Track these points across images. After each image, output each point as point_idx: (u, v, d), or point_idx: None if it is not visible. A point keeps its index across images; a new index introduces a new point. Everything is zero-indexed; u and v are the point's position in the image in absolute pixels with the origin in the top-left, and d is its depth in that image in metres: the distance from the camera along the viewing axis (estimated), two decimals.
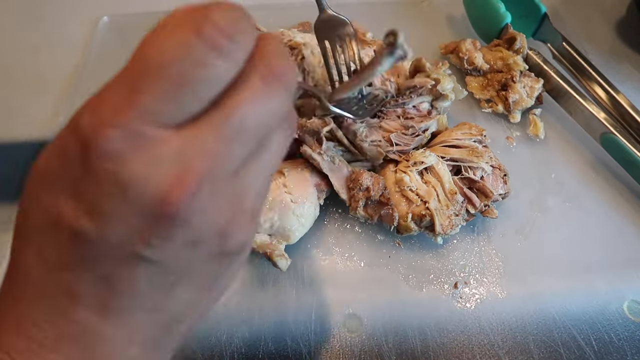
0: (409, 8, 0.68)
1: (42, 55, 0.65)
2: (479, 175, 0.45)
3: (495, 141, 0.53)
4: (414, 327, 0.41)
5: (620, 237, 0.46)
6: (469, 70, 0.56)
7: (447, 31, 0.65)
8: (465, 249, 0.45)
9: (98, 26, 0.68)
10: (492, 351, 0.40)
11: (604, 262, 0.45)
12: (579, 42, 0.59)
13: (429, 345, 0.40)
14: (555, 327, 0.41)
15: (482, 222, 0.47)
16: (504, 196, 0.46)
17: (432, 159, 0.45)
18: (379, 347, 0.40)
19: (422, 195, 0.44)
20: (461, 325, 0.41)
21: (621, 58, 0.61)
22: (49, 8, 0.71)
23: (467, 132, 0.48)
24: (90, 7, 0.70)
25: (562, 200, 0.49)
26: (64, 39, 0.67)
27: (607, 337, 0.40)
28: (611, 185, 0.49)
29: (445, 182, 0.44)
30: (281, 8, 0.68)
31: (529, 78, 0.54)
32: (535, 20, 0.59)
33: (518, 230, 0.47)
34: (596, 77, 0.55)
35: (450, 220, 0.43)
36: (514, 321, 0.41)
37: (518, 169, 0.50)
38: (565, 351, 0.40)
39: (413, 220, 0.43)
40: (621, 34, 0.64)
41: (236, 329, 0.41)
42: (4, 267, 0.47)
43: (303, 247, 0.45)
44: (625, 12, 0.67)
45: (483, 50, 0.56)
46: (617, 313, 0.42)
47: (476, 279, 0.44)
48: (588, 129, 0.52)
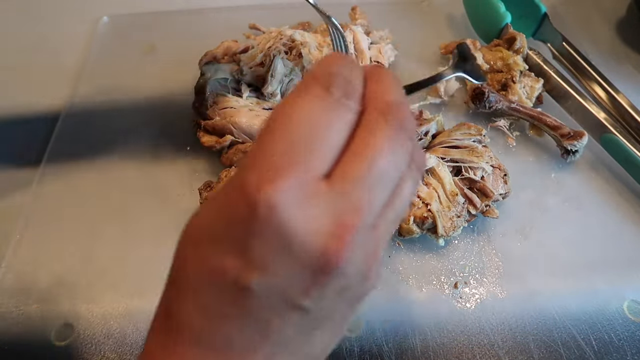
0: (409, 8, 0.68)
1: (42, 55, 0.65)
2: (479, 175, 0.45)
3: (495, 141, 0.53)
4: (414, 327, 0.41)
5: (620, 237, 0.46)
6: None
7: (447, 31, 0.65)
8: (465, 249, 0.45)
9: (98, 26, 0.68)
10: (492, 351, 0.40)
11: (604, 262, 0.45)
12: (579, 42, 0.59)
13: (429, 345, 0.40)
14: (555, 327, 0.41)
15: (482, 222, 0.47)
16: (504, 196, 0.46)
17: (433, 160, 0.45)
18: (379, 347, 0.40)
19: (424, 197, 0.44)
20: (461, 325, 0.41)
21: (621, 58, 0.61)
22: (49, 8, 0.71)
23: (466, 132, 0.48)
24: (90, 7, 0.70)
25: (562, 200, 0.49)
26: (64, 39, 0.67)
27: (607, 337, 0.40)
28: (611, 185, 0.49)
29: (446, 184, 0.44)
30: (281, 8, 0.68)
31: (529, 78, 0.54)
32: (535, 20, 0.59)
33: (518, 230, 0.47)
34: (596, 77, 0.55)
35: (452, 222, 0.43)
36: (514, 321, 0.41)
37: (518, 169, 0.50)
38: (565, 351, 0.40)
39: (415, 222, 0.43)
40: (621, 34, 0.64)
41: None
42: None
43: None
44: (625, 12, 0.67)
45: (483, 50, 0.56)
46: (617, 313, 0.42)
47: (476, 279, 0.44)
48: (588, 129, 0.52)
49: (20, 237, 0.48)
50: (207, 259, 0.20)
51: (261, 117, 0.49)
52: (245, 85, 0.52)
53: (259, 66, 0.52)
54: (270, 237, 0.19)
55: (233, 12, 0.68)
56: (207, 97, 0.51)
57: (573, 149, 0.48)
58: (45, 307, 0.43)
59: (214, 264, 0.20)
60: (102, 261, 0.46)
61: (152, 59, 0.63)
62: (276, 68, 0.50)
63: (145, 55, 0.64)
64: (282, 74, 0.51)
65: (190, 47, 0.60)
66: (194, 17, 0.68)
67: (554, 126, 0.49)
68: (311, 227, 0.19)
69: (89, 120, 0.57)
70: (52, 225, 0.49)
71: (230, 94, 0.51)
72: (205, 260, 0.20)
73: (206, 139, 0.50)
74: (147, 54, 0.64)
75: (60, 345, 0.41)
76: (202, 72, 0.53)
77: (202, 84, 0.52)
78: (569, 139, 0.48)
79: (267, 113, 0.49)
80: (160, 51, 0.64)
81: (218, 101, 0.50)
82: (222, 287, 0.20)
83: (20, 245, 0.47)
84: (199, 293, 0.21)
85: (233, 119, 0.48)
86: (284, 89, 0.51)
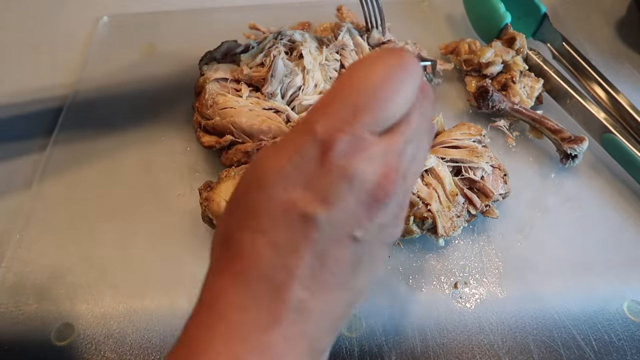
0: (409, 8, 0.68)
1: (42, 55, 0.65)
2: (479, 175, 0.45)
3: (495, 141, 0.53)
4: (414, 327, 0.41)
5: (620, 237, 0.46)
6: (469, 71, 0.56)
7: (447, 31, 0.65)
8: (465, 249, 0.45)
9: (98, 26, 0.68)
10: (492, 351, 0.40)
11: (604, 262, 0.45)
12: (579, 42, 0.59)
13: (429, 345, 0.40)
14: (555, 327, 0.41)
15: (482, 222, 0.47)
16: (504, 196, 0.46)
17: (433, 160, 0.45)
18: (379, 347, 0.40)
19: (424, 197, 0.43)
20: (461, 325, 0.41)
21: (621, 58, 0.61)
22: (49, 8, 0.72)
23: (466, 132, 0.48)
24: (90, 7, 0.70)
25: (562, 200, 0.49)
26: (64, 39, 0.67)
27: (607, 337, 0.40)
28: (611, 186, 0.49)
29: (446, 184, 0.44)
30: (281, 8, 0.68)
31: (529, 78, 0.54)
32: (535, 20, 0.59)
33: (518, 230, 0.47)
34: (596, 77, 0.55)
35: (452, 222, 0.43)
36: (514, 321, 0.41)
37: (518, 169, 0.50)
38: (565, 351, 0.40)
39: (415, 222, 0.43)
40: (621, 34, 0.64)
41: None
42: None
43: None
44: (625, 12, 0.67)
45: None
46: (617, 313, 0.42)
47: (476, 279, 0.44)
48: (588, 129, 0.52)
49: (20, 237, 0.48)
50: (278, 195, 0.23)
51: (261, 117, 0.49)
52: (245, 85, 0.52)
53: (259, 66, 0.52)
54: (336, 175, 0.22)
55: (233, 12, 0.68)
56: (207, 97, 0.51)
57: (573, 154, 0.48)
58: (45, 307, 0.43)
59: (285, 199, 0.23)
60: (102, 261, 0.46)
61: (152, 59, 0.63)
62: (276, 68, 0.50)
63: (145, 55, 0.64)
64: (283, 74, 0.51)
65: (190, 47, 0.60)
66: (194, 17, 0.68)
67: (555, 130, 0.49)
68: (369, 168, 0.23)
69: (89, 121, 0.57)
70: (52, 225, 0.49)
71: (230, 94, 0.51)
72: (277, 197, 0.23)
73: (206, 139, 0.50)
74: (147, 54, 0.64)
75: (60, 345, 0.41)
76: (202, 72, 0.53)
77: (202, 84, 0.52)
78: (569, 142, 0.48)
79: (267, 113, 0.49)
80: (160, 51, 0.64)
81: (218, 101, 0.50)
82: (292, 219, 0.23)
83: (20, 245, 0.47)
84: (270, 228, 0.23)
85: (233, 119, 0.48)
86: (284, 89, 0.51)
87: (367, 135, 0.23)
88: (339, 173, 0.22)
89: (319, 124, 0.23)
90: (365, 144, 0.23)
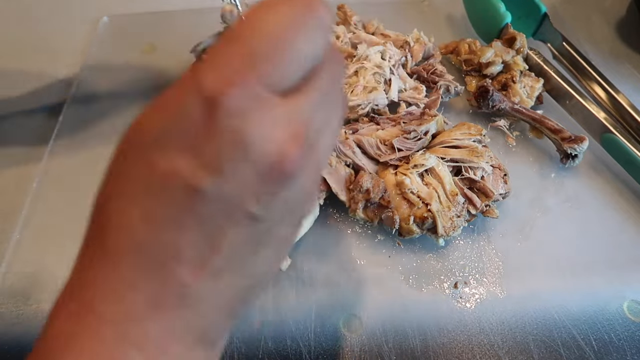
0: (409, 8, 0.68)
1: (42, 55, 0.65)
2: (479, 175, 0.45)
3: (495, 141, 0.53)
4: (414, 327, 0.41)
5: (620, 237, 0.46)
6: (469, 71, 0.56)
7: (447, 31, 0.65)
8: (465, 249, 0.45)
9: (98, 26, 0.68)
10: (492, 351, 0.40)
11: (604, 262, 0.45)
12: (579, 42, 0.59)
13: (429, 345, 0.40)
14: (555, 327, 0.41)
15: (482, 222, 0.47)
16: (504, 196, 0.46)
17: (433, 160, 0.45)
18: (379, 347, 0.40)
19: (424, 197, 0.43)
20: (461, 325, 0.41)
21: (621, 58, 0.61)
22: (49, 8, 0.71)
23: (466, 132, 0.48)
24: (90, 7, 0.70)
25: (562, 200, 0.49)
26: (64, 39, 0.67)
27: (607, 337, 0.40)
28: (611, 185, 0.49)
29: (446, 183, 0.44)
30: None
31: (529, 78, 0.54)
32: (535, 20, 0.59)
33: (518, 230, 0.47)
34: (596, 77, 0.55)
35: (452, 222, 0.43)
36: (514, 321, 0.41)
37: (518, 169, 0.50)
38: (565, 351, 0.40)
39: (415, 222, 0.43)
40: (621, 34, 0.64)
41: (236, 328, 0.41)
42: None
43: (303, 247, 0.45)
44: (625, 12, 0.67)
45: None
46: (617, 313, 0.42)
47: (476, 279, 0.44)
48: (588, 129, 0.52)
49: (20, 237, 0.48)
50: (156, 161, 0.19)
51: None
52: None
53: None
54: (226, 140, 0.18)
55: None
56: None
57: (573, 153, 0.48)
58: (46, 307, 0.43)
59: (164, 166, 0.19)
60: None
61: (152, 59, 0.63)
62: None
63: (145, 55, 0.64)
64: None
65: (190, 47, 0.59)
66: (194, 17, 0.68)
67: (555, 129, 0.49)
68: (269, 132, 0.19)
69: (89, 121, 0.57)
70: (52, 225, 0.48)
71: None
72: (154, 163, 0.19)
73: None
74: (147, 54, 0.64)
75: None
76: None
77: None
78: (569, 142, 0.48)
79: None
80: (160, 51, 0.64)
81: None
82: (173, 190, 0.19)
83: (20, 245, 0.47)
84: (145, 198, 0.19)
85: None
86: None
87: (265, 92, 0.19)
88: (230, 137, 0.18)
89: (206, 75, 0.18)
90: (264, 103, 0.19)
